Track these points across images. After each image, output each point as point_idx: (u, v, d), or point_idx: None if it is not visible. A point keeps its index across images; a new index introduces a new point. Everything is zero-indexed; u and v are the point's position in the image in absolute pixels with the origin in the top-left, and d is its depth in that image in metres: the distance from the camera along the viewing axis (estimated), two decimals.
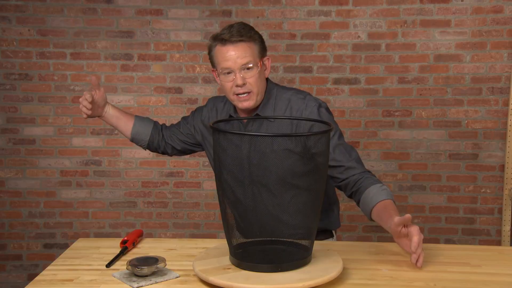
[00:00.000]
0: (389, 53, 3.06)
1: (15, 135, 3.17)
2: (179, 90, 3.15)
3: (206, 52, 3.07)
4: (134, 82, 3.14)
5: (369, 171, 1.78)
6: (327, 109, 1.78)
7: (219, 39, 1.71)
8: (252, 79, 1.70)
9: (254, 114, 1.78)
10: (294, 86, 3.00)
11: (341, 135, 1.79)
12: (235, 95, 1.72)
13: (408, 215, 1.46)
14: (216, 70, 1.76)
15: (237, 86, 1.70)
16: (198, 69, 3.13)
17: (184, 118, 2.00)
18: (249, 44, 1.71)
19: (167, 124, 2.05)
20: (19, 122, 3.16)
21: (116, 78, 3.14)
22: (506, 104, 3.03)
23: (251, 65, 1.69)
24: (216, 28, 3.08)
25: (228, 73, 1.70)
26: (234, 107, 1.83)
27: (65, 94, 3.15)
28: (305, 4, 3.05)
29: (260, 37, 1.76)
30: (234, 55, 1.68)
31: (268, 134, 1.37)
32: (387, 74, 3.07)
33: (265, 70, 1.77)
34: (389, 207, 1.59)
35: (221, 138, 1.35)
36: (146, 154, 3.18)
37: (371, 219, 1.64)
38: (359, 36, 3.06)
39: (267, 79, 1.80)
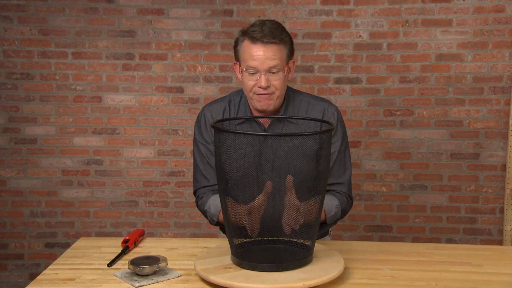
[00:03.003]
0: (390, 53, 3.06)
1: (17, 134, 3.17)
2: (180, 90, 3.15)
3: (207, 52, 3.11)
4: (135, 81, 3.14)
5: (347, 196, 1.80)
6: None
7: (250, 36, 1.65)
8: (277, 82, 1.68)
9: (277, 115, 1.77)
10: (296, 86, 3.01)
11: (347, 146, 1.82)
12: (255, 94, 1.69)
13: None
14: (240, 65, 1.72)
15: (260, 87, 1.67)
16: (199, 68, 3.13)
17: (202, 162, 1.84)
18: (279, 47, 1.67)
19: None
20: (20, 121, 3.16)
21: (117, 78, 3.14)
22: (508, 103, 3.03)
23: (277, 68, 1.66)
24: (217, 28, 3.08)
25: (253, 73, 1.66)
26: (250, 108, 1.80)
27: (66, 94, 3.15)
28: (306, 3, 3.05)
29: (291, 39, 1.73)
30: (262, 56, 1.64)
31: (275, 134, 1.37)
32: (389, 74, 3.07)
33: (289, 73, 1.74)
34: None
35: (228, 137, 1.34)
36: (148, 153, 3.18)
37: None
38: (360, 36, 3.06)
39: None
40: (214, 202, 1.75)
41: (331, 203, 1.72)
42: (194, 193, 1.89)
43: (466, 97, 3.05)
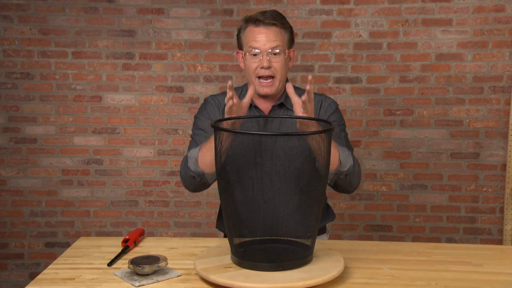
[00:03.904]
0: (390, 52, 3.06)
1: (17, 134, 3.17)
2: (180, 89, 3.15)
3: (207, 51, 3.11)
4: (135, 81, 3.14)
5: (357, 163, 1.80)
6: None
7: (253, 20, 1.74)
8: (278, 64, 1.73)
9: (278, 103, 1.82)
10: (296, 85, 3.01)
11: (346, 133, 1.86)
12: (258, 79, 1.74)
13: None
14: (243, 50, 1.77)
15: (262, 68, 1.72)
16: (199, 68, 3.13)
17: (196, 135, 1.82)
18: (281, 30, 1.75)
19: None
20: (20, 121, 3.16)
21: (117, 77, 3.14)
22: (508, 103, 3.03)
23: (278, 50, 1.72)
24: (217, 27, 3.08)
25: (255, 54, 1.72)
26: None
27: (66, 93, 3.15)
28: (306, 3, 3.05)
29: (291, 27, 1.81)
30: (264, 37, 1.72)
31: (272, 134, 1.37)
32: (389, 73, 3.07)
33: (289, 61, 1.81)
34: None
35: (225, 135, 1.35)
36: (148, 153, 3.18)
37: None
38: (360, 35, 3.06)
39: None
40: (197, 148, 1.70)
41: (342, 149, 1.67)
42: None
43: (466, 97, 3.05)
